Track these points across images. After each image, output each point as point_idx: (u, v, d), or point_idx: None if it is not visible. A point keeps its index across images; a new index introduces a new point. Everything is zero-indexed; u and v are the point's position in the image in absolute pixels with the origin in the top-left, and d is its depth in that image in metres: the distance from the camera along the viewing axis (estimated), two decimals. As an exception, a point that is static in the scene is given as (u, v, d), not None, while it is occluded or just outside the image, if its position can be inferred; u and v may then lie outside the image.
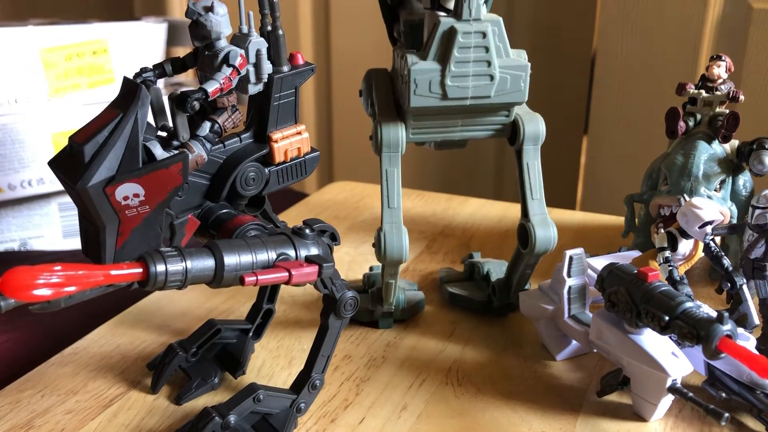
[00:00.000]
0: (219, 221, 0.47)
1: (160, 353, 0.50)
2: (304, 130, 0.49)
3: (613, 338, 0.45)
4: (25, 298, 0.33)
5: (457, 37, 0.45)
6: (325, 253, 0.42)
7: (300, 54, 0.48)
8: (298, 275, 0.39)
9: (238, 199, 0.48)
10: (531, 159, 0.50)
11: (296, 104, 0.48)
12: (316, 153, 0.51)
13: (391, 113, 0.50)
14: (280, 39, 0.46)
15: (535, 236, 0.49)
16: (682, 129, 0.60)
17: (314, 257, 0.41)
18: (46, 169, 0.79)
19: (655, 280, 0.43)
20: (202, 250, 0.38)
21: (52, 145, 0.79)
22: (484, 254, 0.67)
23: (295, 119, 0.49)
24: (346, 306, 0.42)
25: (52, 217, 0.83)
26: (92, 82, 0.82)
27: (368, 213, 0.79)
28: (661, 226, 0.59)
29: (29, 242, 0.82)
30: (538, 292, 0.52)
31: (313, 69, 0.48)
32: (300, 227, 0.42)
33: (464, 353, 0.53)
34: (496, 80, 0.46)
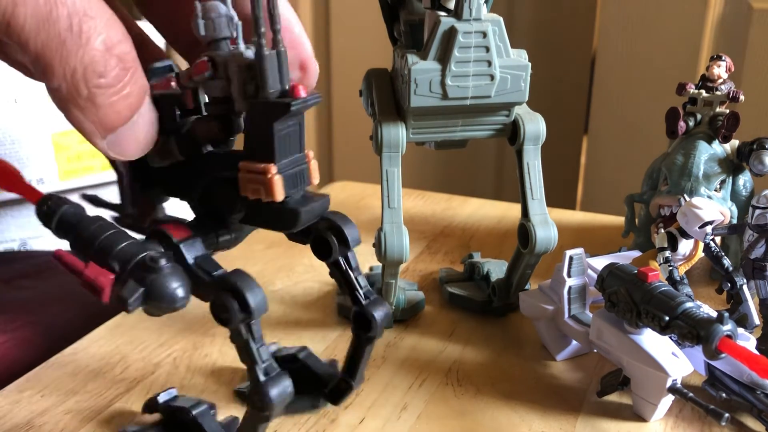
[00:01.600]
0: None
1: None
2: (271, 172, 0.36)
3: (613, 338, 0.45)
4: None
5: (458, 37, 0.45)
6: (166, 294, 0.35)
7: (302, 87, 0.36)
8: (90, 272, 0.35)
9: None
10: (531, 159, 0.50)
11: (272, 141, 0.36)
12: (294, 210, 0.38)
13: (392, 113, 0.50)
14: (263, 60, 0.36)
15: (536, 236, 0.49)
16: (682, 129, 0.60)
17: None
18: (46, 169, 0.79)
19: (655, 280, 0.43)
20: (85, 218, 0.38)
21: (52, 145, 0.80)
22: (484, 254, 0.67)
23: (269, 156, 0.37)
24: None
25: (52, 217, 0.83)
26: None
27: (368, 213, 0.79)
28: (661, 226, 0.59)
29: (29, 242, 0.82)
30: (538, 292, 0.52)
31: (289, 105, 0.36)
32: (154, 258, 0.35)
33: (464, 353, 0.53)
34: (497, 80, 0.46)
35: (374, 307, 0.40)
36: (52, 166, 0.80)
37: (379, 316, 0.40)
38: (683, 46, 1.06)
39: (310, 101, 0.36)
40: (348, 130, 1.65)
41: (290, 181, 0.37)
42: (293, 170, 0.37)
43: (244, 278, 0.36)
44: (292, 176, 0.37)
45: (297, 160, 0.37)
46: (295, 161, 0.37)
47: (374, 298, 0.41)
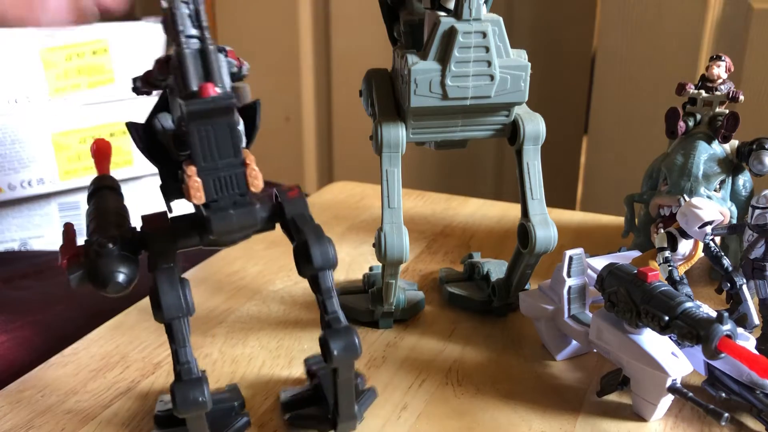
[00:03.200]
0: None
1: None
2: (188, 174, 0.36)
3: (612, 338, 0.45)
4: None
5: (458, 37, 0.45)
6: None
7: (211, 86, 0.36)
8: (63, 246, 0.39)
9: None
10: (531, 159, 0.50)
11: (191, 142, 0.36)
12: (206, 217, 0.37)
13: (392, 113, 0.50)
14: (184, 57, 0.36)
15: (535, 236, 0.49)
16: (682, 129, 0.60)
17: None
18: (46, 169, 0.79)
19: (654, 280, 0.43)
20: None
21: (52, 145, 0.80)
22: (484, 254, 0.67)
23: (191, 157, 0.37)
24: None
25: (52, 217, 0.83)
26: (92, 82, 0.82)
27: (368, 213, 0.79)
28: (661, 226, 0.59)
29: (29, 242, 0.82)
30: (538, 292, 0.52)
31: (185, 105, 0.35)
32: (101, 242, 0.38)
33: (464, 353, 0.53)
34: (497, 80, 0.46)
35: (333, 338, 0.38)
36: (53, 166, 0.80)
37: (336, 348, 0.38)
38: (683, 46, 1.06)
39: (219, 102, 0.35)
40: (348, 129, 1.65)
41: (214, 185, 0.37)
42: (220, 175, 0.37)
43: (163, 280, 0.37)
44: (217, 181, 0.37)
45: (228, 164, 0.37)
46: (226, 165, 0.37)
47: (336, 328, 0.38)
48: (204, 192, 0.36)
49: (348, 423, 0.41)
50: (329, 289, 0.39)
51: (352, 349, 0.38)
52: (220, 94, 0.35)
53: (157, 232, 0.40)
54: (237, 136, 0.37)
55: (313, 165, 1.71)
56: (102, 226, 0.40)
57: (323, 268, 0.38)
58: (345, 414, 0.40)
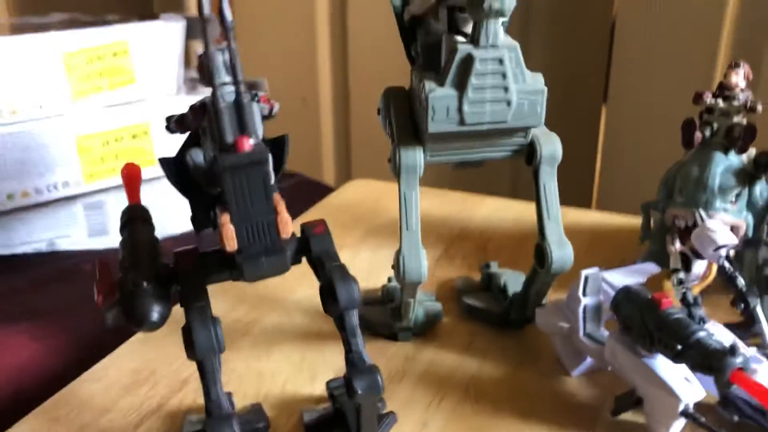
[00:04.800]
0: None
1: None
2: (222, 222, 0.38)
3: (626, 361, 0.46)
4: None
5: (475, 64, 0.46)
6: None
7: (246, 140, 0.37)
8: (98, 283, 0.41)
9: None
10: (547, 180, 0.51)
11: (225, 191, 0.38)
12: (239, 263, 0.39)
13: (409, 136, 0.51)
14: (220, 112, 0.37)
15: (552, 257, 0.50)
16: (698, 140, 0.60)
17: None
18: (70, 173, 0.81)
19: (668, 306, 0.44)
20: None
21: (76, 148, 0.81)
22: (501, 260, 0.68)
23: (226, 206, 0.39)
24: None
25: (78, 217, 0.85)
26: (113, 83, 0.84)
27: (386, 216, 0.80)
28: (676, 237, 0.60)
29: (56, 242, 0.84)
30: (554, 309, 0.53)
31: (218, 160, 0.37)
32: (136, 281, 0.40)
33: (482, 368, 0.54)
34: (513, 105, 0.47)
35: (357, 377, 0.40)
36: (77, 168, 0.82)
37: (360, 387, 0.40)
38: (705, 16, 1.04)
39: (254, 157, 0.37)
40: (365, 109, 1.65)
41: (246, 234, 0.38)
42: (253, 222, 0.38)
43: (195, 318, 0.38)
44: (249, 228, 0.38)
45: (261, 212, 0.38)
46: (258, 213, 0.38)
47: (361, 368, 0.40)
48: (237, 239, 0.38)
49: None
50: (354, 328, 0.40)
51: (375, 388, 0.39)
52: (255, 149, 0.37)
53: (188, 269, 0.42)
54: (269, 186, 0.38)
55: (330, 146, 1.71)
56: (136, 263, 0.41)
57: (348, 308, 0.40)
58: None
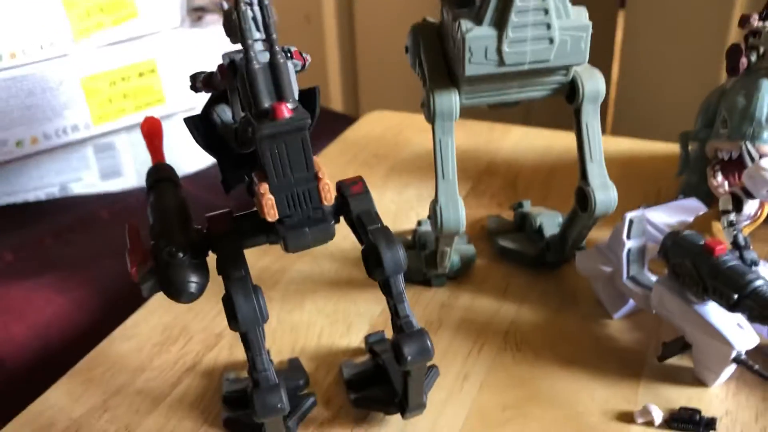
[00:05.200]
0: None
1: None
2: (261, 192, 0.36)
3: (676, 308, 0.45)
4: None
5: (515, 1, 0.42)
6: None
7: (284, 106, 0.34)
8: (130, 252, 0.40)
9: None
10: (591, 119, 0.48)
11: (264, 160, 0.36)
12: (282, 235, 0.38)
13: (443, 78, 0.47)
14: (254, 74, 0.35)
15: (595, 200, 0.48)
16: (743, 66, 0.57)
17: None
18: (78, 116, 0.78)
19: (722, 253, 0.42)
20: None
21: (82, 90, 0.78)
22: (531, 196, 0.66)
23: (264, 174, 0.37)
24: None
25: (89, 160, 0.83)
26: (116, 18, 0.80)
27: (408, 150, 0.77)
28: (718, 169, 0.57)
29: (69, 186, 0.82)
30: (595, 253, 0.52)
31: (259, 129, 0.34)
32: (172, 252, 0.38)
33: (520, 313, 0.53)
34: (556, 43, 0.44)
35: (406, 342, 0.38)
36: (85, 111, 0.79)
37: (410, 353, 0.38)
38: None
39: (294, 124, 0.34)
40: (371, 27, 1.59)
41: (287, 202, 0.36)
42: (294, 190, 0.36)
43: (237, 290, 0.37)
44: (290, 197, 0.36)
45: (301, 179, 0.36)
46: (299, 180, 0.36)
47: (409, 332, 0.38)
48: (277, 209, 0.36)
49: (417, 411, 0.42)
50: (401, 293, 0.38)
51: (425, 353, 0.38)
52: (294, 115, 0.34)
53: (223, 234, 0.40)
54: (309, 151, 0.35)
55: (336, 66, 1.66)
56: (168, 230, 0.39)
57: (394, 274, 0.38)
58: (414, 403, 0.41)
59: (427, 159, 0.76)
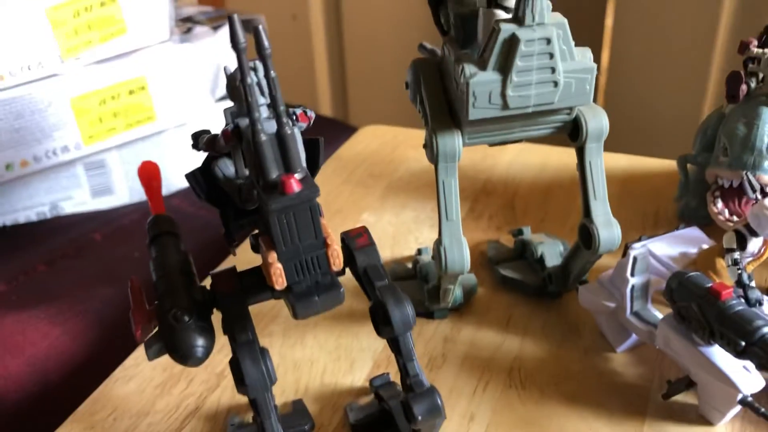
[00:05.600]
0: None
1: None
2: (269, 261, 0.36)
3: (681, 348, 0.45)
4: None
5: (520, 46, 0.42)
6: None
7: (294, 180, 0.34)
8: (134, 312, 0.39)
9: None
10: (594, 157, 0.48)
11: (271, 230, 0.35)
12: (290, 303, 0.38)
13: (445, 119, 0.47)
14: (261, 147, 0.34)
15: (599, 238, 0.48)
16: (743, 92, 0.57)
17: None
18: (69, 137, 0.77)
19: (728, 298, 0.42)
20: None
21: (72, 110, 0.77)
22: (530, 217, 0.66)
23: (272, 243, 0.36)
24: None
25: (80, 178, 0.82)
26: (104, 35, 0.78)
27: (404, 167, 0.77)
28: (718, 195, 0.58)
29: (59, 205, 0.81)
30: (598, 287, 0.52)
31: (268, 204, 0.34)
32: (177, 316, 0.37)
33: (523, 346, 0.53)
34: (560, 86, 0.43)
35: (417, 402, 0.38)
36: (75, 132, 0.78)
37: (420, 412, 0.38)
38: None
39: (304, 197, 0.34)
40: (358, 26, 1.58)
41: (295, 270, 0.36)
42: (302, 258, 0.36)
43: (245, 355, 0.37)
44: (298, 264, 0.36)
45: (310, 246, 0.36)
46: (307, 248, 0.36)
47: (420, 392, 0.38)
48: (286, 276, 0.35)
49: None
50: (410, 352, 0.38)
51: (436, 412, 0.38)
52: (304, 189, 0.34)
53: (228, 293, 0.39)
54: (318, 220, 0.35)
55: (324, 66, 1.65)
56: (171, 290, 0.39)
57: (404, 333, 0.38)
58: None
59: (424, 178, 0.76)
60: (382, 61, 1.53)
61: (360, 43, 1.58)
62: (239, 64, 0.32)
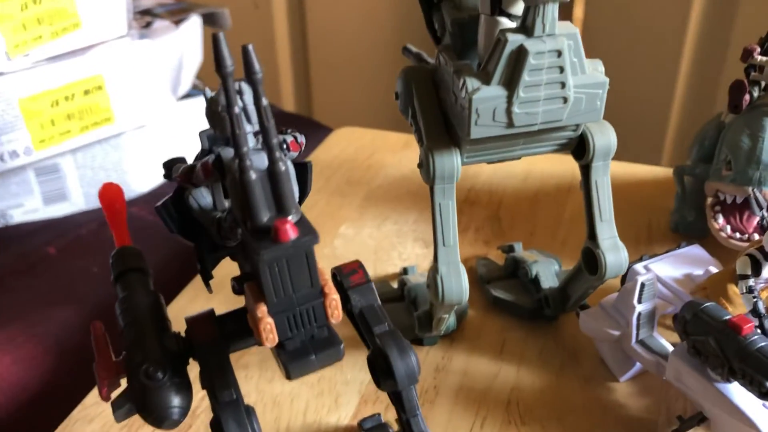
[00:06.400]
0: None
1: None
2: (258, 315, 0.32)
3: (695, 384, 0.42)
4: None
5: (528, 59, 0.38)
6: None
7: (289, 226, 0.29)
8: (99, 364, 0.35)
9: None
10: (601, 176, 0.44)
11: (261, 280, 0.31)
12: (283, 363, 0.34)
13: (442, 136, 0.43)
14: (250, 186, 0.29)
15: (606, 264, 0.44)
16: (746, 102, 0.54)
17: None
18: (18, 142, 0.71)
19: (750, 333, 0.39)
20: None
21: (21, 113, 0.70)
22: (518, 230, 0.63)
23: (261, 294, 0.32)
24: None
25: (30, 184, 0.76)
26: (55, 30, 0.72)
27: (382, 174, 0.73)
28: (718, 211, 0.55)
29: (9, 213, 0.75)
30: (601, 313, 0.48)
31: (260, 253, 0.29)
32: (149, 373, 0.32)
33: (520, 376, 0.49)
34: (570, 102, 0.40)
35: None
36: (25, 136, 0.72)
37: None
38: None
39: (300, 245, 0.29)
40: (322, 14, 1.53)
41: (287, 324, 0.32)
42: (296, 310, 0.32)
43: (228, 417, 0.33)
44: (292, 318, 0.32)
45: (304, 297, 0.32)
46: (302, 298, 0.32)
47: None
48: (277, 332, 0.31)
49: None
50: (414, 407, 0.34)
51: None
52: (300, 237, 0.29)
53: (206, 340, 0.35)
54: (315, 267, 0.30)
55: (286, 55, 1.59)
56: (141, 340, 0.34)
57: (408, 387, 0.34)
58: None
59: (404, 185, 0.72)
60: (348, 51, 1.48)
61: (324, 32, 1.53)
62: (226, 92, 0.27)
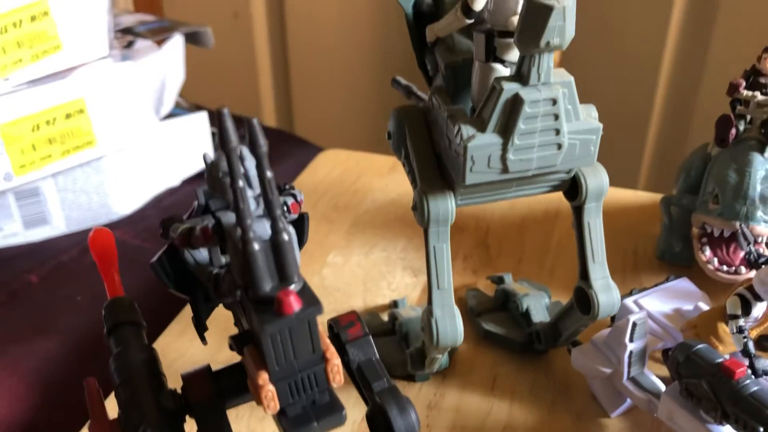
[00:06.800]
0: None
1: None
2: (260, 383, 0.31)
3: (687, 425, 0.42)
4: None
5: (524, 108, 0.38)
6: None
7: (293, 297, 0.29)
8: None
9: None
10: (593, 218, 0.45)
11: (263, 348, 0.31)
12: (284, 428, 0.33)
13: (436, 179, 0.43)
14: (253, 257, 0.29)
15: (599, 304, 0.45)
16: (732, 136, 0.54)
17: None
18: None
19: (742, 377, 0.40)
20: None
21: (1, 138, 0.69)
22: (506, 258, 0.63)
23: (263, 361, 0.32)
24: None
25: (10, 208, 0.74)
26: (36, 53, 0.71)
27: (369, 199, 0.72)
28: (705, 243, 0.55)
29: (-16, 233, 0.74)
30: (593, 350, 0.48)
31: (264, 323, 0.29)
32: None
33: (512, 412, 0.49)
34: (564, 148, 0.40)
35: None
36: (5, 161, 0.70)
37: None
38: None
39: (305, 316, 0.29)
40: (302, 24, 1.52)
41: (289, 390, 0.32)
42: (297, 377, 0.32)
43: None
44: (293, 384, 0.32)
45: (306, 363, 0.31)
46: (303, 364, 0.31)
47: None
48: (278, 399, 0.30)
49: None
50: None
51: None
52: (304, 309, 0.29)
53: (202, 398, 0.34)
54: (317, 334, 0.30)
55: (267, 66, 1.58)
56: (137, 399, 0.33)
57: None
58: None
59: (392, 211, 0.72)
60: (329, 63, 1.48)
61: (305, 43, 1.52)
62: (230, 168, 0.27)
